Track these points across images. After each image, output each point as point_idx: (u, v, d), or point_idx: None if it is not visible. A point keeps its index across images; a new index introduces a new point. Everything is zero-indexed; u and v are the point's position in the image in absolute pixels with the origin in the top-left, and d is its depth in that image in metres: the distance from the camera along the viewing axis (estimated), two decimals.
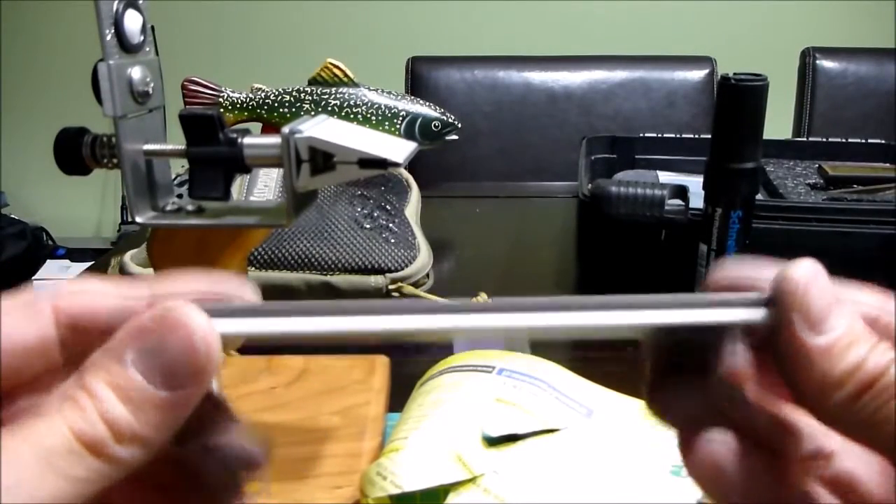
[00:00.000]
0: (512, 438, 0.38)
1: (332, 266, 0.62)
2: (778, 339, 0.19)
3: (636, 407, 0.44)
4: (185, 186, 0.38)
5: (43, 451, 0.16)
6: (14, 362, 0.19)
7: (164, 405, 0.17)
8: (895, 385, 0.17)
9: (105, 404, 0.17)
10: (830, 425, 0.19)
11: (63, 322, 0.20)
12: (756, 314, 0.19)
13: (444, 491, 0.35)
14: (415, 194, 0.78)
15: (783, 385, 0.19)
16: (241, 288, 0.21)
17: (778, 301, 0.19)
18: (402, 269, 0.63)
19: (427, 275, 0.65)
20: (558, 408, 0.41)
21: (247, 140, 0.37)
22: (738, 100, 0.51)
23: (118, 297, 0.20)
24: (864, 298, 0.20)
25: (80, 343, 0.20)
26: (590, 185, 0.66)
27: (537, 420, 0.40)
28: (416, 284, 0.63)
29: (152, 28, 0.39)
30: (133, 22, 0.36)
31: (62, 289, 0.20)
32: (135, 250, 0.64)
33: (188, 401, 0.18)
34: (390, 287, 0.62)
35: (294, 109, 0.76)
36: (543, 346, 0.57)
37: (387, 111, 0.77)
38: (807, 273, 0.19)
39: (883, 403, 0.17)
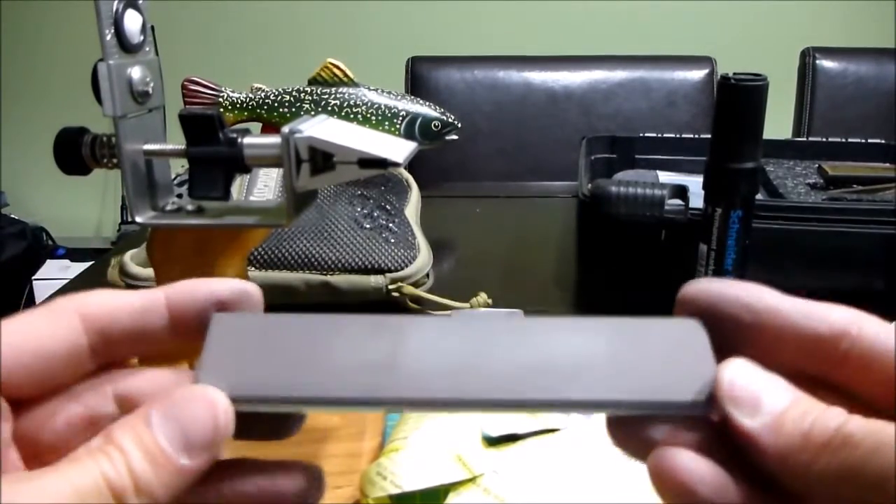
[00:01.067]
0: (512, 438, 0.38)
1: (332, 266, 0.62)
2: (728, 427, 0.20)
3: None
4: (185, 186, 0.38)
5: (76, 488, 0.18)
6: (44, 366, 0.21)
7: (180, 471, 0.19)
8: (849, 444, 0.18)
9: (132, 459, 0.19)
10: (794, 489, 0.19)
11: (91, 329, 0.21)
12: (699, 410, 0.21)
13: (444, 491, 0.35)
14: (415, 194, 0.78)
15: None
16: (247, 292, 0.23)
17: (715, 399, 0.20)
18: (402, 268, 0.63)
19: (427, 275, 0.65)
20: None
21: (247, 140, 0.37)
22: (737, 100, 0.50)
23: (137, 303, 0.22)
24: (836, 313, 0.21)
25: (108, 349, 0.22)
26: (590, 185, 0.66)
27: (537, 420, 0.40)
28: (416, 284, 0.63)
29: (152, 28, 0.39)
30: (133, 22, 0.36)
31: (85, 298, 0.22)
32: (135, 250, 0.64)
33: (199, 470, 0.20)
34: (390, 287, 0.62)
35: (294, 109, 0.77)
36: None
37: (387, 111, 0.77)
38: (734, 368, 0.20)
39: (839, 463, 0.18)
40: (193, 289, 0.22)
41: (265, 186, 0.73)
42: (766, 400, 0.20)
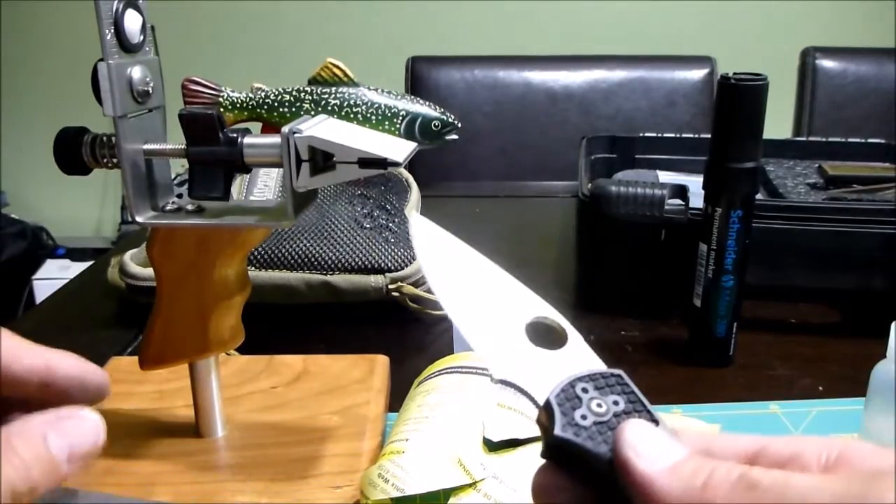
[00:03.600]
0: (512, 444, 0.38)
1: (332, 266, 0.62)
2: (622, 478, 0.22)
3: None
4: (185, 186, 0.38)
5: None
6: None
7: (62, 477, 0.24)
8: (758, 488, 0.20)
9: (32, 472, 0.24)
10: None
11: None
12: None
13: (444, 494, 0.35)
14: (415, 194, 0.78)
15: None
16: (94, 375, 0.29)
17: (616, 450, 0.22)
18: (402, 268, 0.63)
19: None
20: None
21: (247, 140, 0.37)
22: (737, 100, 0.51)
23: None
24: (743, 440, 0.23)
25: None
26: (590, 185, 0.66)
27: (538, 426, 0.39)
28: (415, 284, 0.63)
29: (152, 28, 0.39)
30: (133, 22, 0.36)
31: None
32: (135, 250, 0.64)
33: (72, 475, 0.24)
34: (390, 287, 0.62)
35: (294, 109, 0.76)
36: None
37: (387, 111, 0.77)
38: (635, 425, 0.23)
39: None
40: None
41: (265, 186, 0.73)
42: (666, 450, 0.22)
